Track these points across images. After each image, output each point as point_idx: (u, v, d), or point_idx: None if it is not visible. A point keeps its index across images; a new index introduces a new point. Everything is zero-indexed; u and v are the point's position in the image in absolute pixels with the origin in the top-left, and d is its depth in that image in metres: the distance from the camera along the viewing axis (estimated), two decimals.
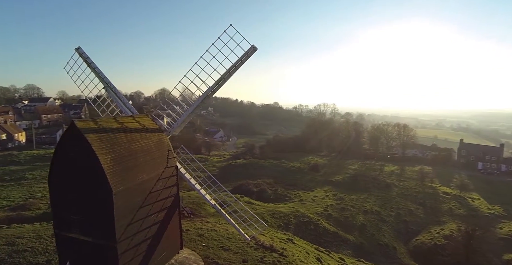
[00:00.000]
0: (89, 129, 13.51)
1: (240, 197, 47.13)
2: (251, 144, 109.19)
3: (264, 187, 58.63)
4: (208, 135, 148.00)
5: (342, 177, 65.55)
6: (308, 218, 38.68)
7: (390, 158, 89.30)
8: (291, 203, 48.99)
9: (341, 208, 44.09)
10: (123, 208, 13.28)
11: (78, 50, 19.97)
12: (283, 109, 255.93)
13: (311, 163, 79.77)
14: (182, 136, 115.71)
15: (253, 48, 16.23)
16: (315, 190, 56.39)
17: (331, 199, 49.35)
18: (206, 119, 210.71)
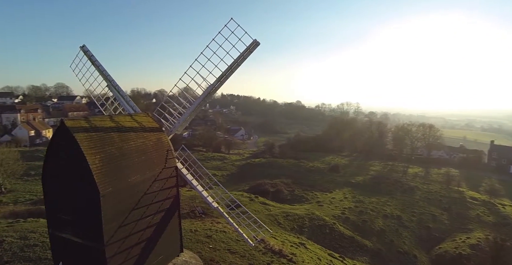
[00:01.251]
0: (79, 128, 13.06)
1: (255, 197, 46.32)
2: (271, 143, 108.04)
3: (281, 187, 57.49)
4: (229, 133, 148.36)
5: (362, 178, 63.14)
6: (323, 221, 37.21)
7: (415, 159, 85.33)
8: (307, 204, 47.57)
9: (360, 212, 42.20)
10: (112, 210, 12.78)
11: (83, 48, 19.87)
12: (305, 108, 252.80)
13: (331, 164, 77.70)
14: (203, 134, 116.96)
15: (255, 43, 15.25)
16: (334, 191, 54.57)
17: (349, 201, 47.46)
18: (228, 117, 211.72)
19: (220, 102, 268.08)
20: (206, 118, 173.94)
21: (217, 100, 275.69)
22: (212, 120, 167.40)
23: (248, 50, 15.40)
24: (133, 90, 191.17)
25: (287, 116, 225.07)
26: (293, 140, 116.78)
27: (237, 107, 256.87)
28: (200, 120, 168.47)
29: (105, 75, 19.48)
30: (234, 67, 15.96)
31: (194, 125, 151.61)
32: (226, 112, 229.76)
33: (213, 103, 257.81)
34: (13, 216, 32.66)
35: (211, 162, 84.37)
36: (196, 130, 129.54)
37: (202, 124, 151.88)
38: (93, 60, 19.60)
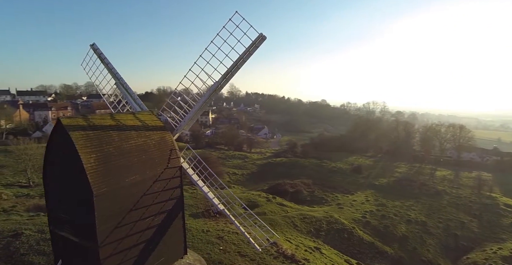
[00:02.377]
0: (75, 127, 12.79)
1: (272, 198, 45.46)
2: (293, 142, 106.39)
3: (301, 188, 56.15)
4: (253, 132, 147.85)
5: (386, 180, 60.44)
6: (341, 225, 35.67)
7: (443, 161, 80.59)
8: (327, 206, 46.04)
9: (382, 216, 40.18)
10: (107, 210, 12.42)
11: (93, 46, 19.90)
12: (330, 107, 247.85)
13: (354, 164, 75.16)
14: (225, 132, 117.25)
15: (261, 37, 14.36)
16: (355, 193, 52.56)
17: (371, 204, 45.39)
18: (252, 116, 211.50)
19: (244, 101, 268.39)
20: (230, 117, 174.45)
21: (241, 99, 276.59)
22: (236, 119, 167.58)
23: (254, 44, 14.54)
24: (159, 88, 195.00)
25: (311, 115, 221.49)
26: (316, 139, 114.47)
27: (261, 106, 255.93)
28: (224, 118, 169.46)
29: (113, 73, 19.36)
30: (240, 63, 15.16)
31: (217, 124, 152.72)
32: (250, 111, 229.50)
33: (237, 102, 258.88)
34: (36, 209, 33.68)
35: (232, 160, 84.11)
36: (219, 128, 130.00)
37: (226, 123, 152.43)
38: (102, 58, 19.54)
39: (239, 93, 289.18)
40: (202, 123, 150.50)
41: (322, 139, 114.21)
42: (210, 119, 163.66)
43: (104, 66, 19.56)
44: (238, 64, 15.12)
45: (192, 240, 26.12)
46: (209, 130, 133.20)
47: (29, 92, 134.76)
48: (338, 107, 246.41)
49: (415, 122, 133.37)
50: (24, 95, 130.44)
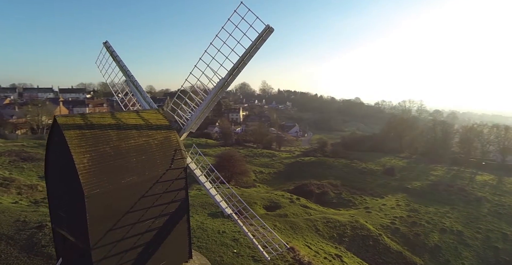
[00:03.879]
0: (71, 125, 12.44)
1: (296, 199, 43.97)
2: (323, 141, 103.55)
3: (328, 189, 54.01)
4: (283, 129, 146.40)
5: (420, 184, 56.35)
6: (367, 231, 33.46)
7: (485, 165, 73.89)
8: (354, 210, 43.72)
9: (412, 222, 37.30)
10: (100, 212, 12.03)
11: (106, 44, 19.84)
12: (364, 105, 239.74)
13: (386, 166, 71.37)
14: (255, 130, 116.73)
15: (268, 29, 13.18)
16: (386, 197, 49.48)
17: (402, 209, 42.41)
18: (283, 113, 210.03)
19: (277, 98, 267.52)
20: (261, 114, 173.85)
21: (273, 96, 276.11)
22: (267, 116, 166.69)
23: (260, 38, 13.39)
24: None
25: (344, 113, 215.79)
26: (348, 138, 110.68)
27: (294, 103, 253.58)
28: (254, 116, 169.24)
29: (124, 71, 19.17)
30: (247, 59, 14.08)
31: (248, 121, 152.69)
32: (282, 108, 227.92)
33: (269, 99, 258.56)
34: None
35: (259, 158, 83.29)
36: (249, 125, 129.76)
37: (256, 120, 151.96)
38: (114, 56, 19.43)
39: (271, 91, 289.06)
40: (233, 120, 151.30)
41: (354, 138, 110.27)
42: (241, 117, 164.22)
43: (116, 64, 19.35)
44: (244, 59, 14.06)
45: (206, 241, 25.53)
46: (239, 128, 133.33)
47: (69, 90, 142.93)
48: (372, 105, 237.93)
49: (455, 121, 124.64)
50: (65, 92, 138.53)
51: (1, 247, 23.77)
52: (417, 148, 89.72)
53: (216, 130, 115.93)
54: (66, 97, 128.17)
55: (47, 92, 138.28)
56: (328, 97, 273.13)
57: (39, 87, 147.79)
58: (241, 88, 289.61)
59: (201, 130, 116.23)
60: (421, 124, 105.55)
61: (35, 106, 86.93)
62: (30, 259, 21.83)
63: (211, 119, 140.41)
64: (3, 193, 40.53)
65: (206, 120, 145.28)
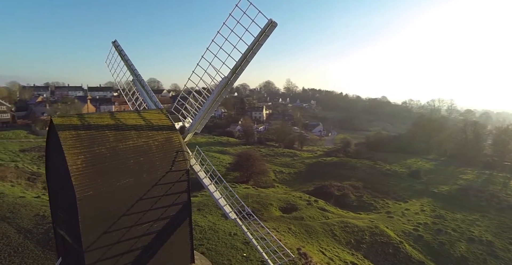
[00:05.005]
0: (67, 126, 12.20)
1: (314, 201, 42.68)
2: (347, 141, 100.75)
3: (348, 191, 52.24)
4: (307, 128, 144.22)
5: (448, 188, 53.11)
6: (387, 237, 31.73)
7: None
8: (374, 214, 41.86)
9: (438, 230, 35.03)
10: (94, 214, 11.75)
11: (114, 43, 19.73)
12: (390, 104, 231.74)
13: (412, 168, 68.19)
14: (277, 128, 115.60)
15: (270, 24, 12.31)
16: (410, 201, 47.05)
17: (427, 215, 40.03)
18: (307, 112, 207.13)
19: (301, 97, 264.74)
20: (284, 113, 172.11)
21: (297, 95, 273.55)
22: (290, 115, 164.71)
23: (263, 33, 12.53)
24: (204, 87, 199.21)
25: (370, 112, 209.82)
26: (372, 138, 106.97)
27: (318, 102, 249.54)
28: (278, 114, 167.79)
29: (132, 69, 18.95)
30: (250, 56, 13.28)
31: (271, 119, 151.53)
32: (306, 107, 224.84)
33: (293, 98, 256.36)
34: None
35: (280, 158, 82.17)
36: (272, 124, 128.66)
37: (280, 119, 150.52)
38: (123, 55, 19.29)
39: (295, 89, 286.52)
40: (256, 119, 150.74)
41: (379, 138, 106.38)
42: (264, 115, 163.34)
43: (124, 63, 19.17)
44: (247, 57, 13.26)
45: (216, 243, 25.05)
46: (262, 126, 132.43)
47: (98, 88, 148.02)
48: (399, 104, 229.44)
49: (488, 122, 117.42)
50: (94, 90, 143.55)
51: (19, 240, 24.49)
52: (446, 150, 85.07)
53: (239, 129, 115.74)
54: (94, 95, 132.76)
55: (77, 90, 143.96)
56: (353, 96, 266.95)
57: (70, 86, 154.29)
58: (265, 86, 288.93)
59: (223, 129, 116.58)
60: (451, 124, 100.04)
61: (65, 104, 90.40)
62: (44, 253, 22.26)
63: (234, 118, 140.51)
64: (29, 187, 42.15)
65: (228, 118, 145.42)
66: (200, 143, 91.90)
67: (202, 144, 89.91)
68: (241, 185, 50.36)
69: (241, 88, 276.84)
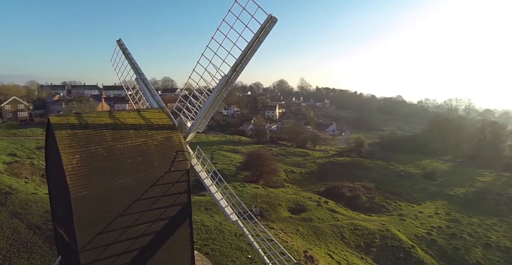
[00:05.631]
0: (64, 125, 12.09)
1: (324, 202, 41.91)
2: (360, 141, 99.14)
3: (360, 192, 51.18)
4: (320, 128, 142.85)
5: (464, 190, 51.26)
6: (399, 241, 30.75)
7: None
8: (386, 216, 40.78)
9: (452, 234, 33.75)
10: (89, 214, 11.62)
11: (119, 42, 19.67)
12: (406, 103, 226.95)
13: (427, 169, 66.32)
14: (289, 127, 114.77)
15: (270, 19, 11.85)
16: (423, 203, 45.66)
17: (441, 219, 38.70)
18: (321, 111, 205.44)
19: (315, 96, 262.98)
20: (297, 112, 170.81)
21: (311, 94, 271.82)
22: (303, 114, 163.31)
23: (263, 29, 12.07)
24: None
25: (385, 111, 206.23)
26: (386, 138, 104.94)
27: (332, 101, 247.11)
28: (291, 113, 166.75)
29: (135, 68, 18.86)
30: (250, 53, 12.86)
31: (284, 119, 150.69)
32: (320, 106, 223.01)
33: (307, 97, 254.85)
34: None
35: (291, 157, 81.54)
36: (285, 123, 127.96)
37: (292, 118, 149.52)
38: (127, 53, 19.23)
39: (309, 88, 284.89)
40: (269, 118, 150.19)
41: (393, 138, 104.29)
42: (277, 114, 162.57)
43: (128, 62, 19.07)
44: (247, 54, 12.83)
45: (221, 243, 24.79)
46: (275, 125, 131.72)
47: (113, 87, 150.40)
48: (414, 103, 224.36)
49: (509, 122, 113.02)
50: (109, 89, 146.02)
51: (29, 236, 24.92)
52: (463, 151, 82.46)
53: (251, 128, 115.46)
54: (109, 94, 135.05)
55: (92, 89, 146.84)
56: (368, 95, 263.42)
57: (85, 85, 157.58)
58: (278, 85, 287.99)
59: (236, 127, 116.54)
60: (468, 124, 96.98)
61: (80, 102, 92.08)
62: (52, 250, 22.51)
63: (247, 116, 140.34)
64: (42, 183, 42.92)
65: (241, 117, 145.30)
66: (211, 141, 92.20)
67: (214, 143, 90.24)
68: (251, 184, 50.04)
69: (254, 87, 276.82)
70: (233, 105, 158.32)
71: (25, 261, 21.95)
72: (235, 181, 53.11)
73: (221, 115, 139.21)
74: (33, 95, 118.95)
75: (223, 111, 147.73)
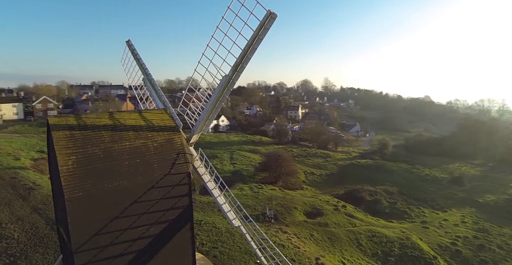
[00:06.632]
0: (62, 126, 12.07)
1: (342, 207, 40.59)
2: (384, 143, 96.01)
3: (381, 197, 49.28)
4: (343, 129, 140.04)
5: (495, 198, 47.95)
6: (420, 251, 29.02)
7: None
8: (408, 223, 38.87)
9: (479, 246, 31.49)
10: (84, 216, 11.52)
11: (128, 42, 19.72)
12: (434, 104, 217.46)
13: (454, 173, 62.93)
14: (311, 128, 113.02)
15: (269, 15, 11.21)
16: (449, 211, 43.15)
17: (468, 228, 36.33)
18: (345, 111, 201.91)
19: (339, 96, 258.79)
20: (321, 112, 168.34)
21: (335, 94, 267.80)
22: (326, 114, 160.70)
23: (262, 26, 11.43)
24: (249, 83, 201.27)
25: (412, 112, 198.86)
26: (412, 140, 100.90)
27: (357, 101, 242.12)
28: (314, 114, 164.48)
29: (143, 68, 18.81)
30: (250, 52, 12.29)
31: (307, 119, 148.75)
32: (344, 106, 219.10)
33: (331, 97, 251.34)
34: None
35: (312, 159, 79.99)
36: (307, 123, 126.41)
37: (315, 118, 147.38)
38: (135, 54, 19.27)
39: (333, 88, 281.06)
40: (291, 118, 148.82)
41: (419, 140, 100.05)
42: (300, 114, 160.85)
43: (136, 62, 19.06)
44: (248, 53, 12.24)
45: (231, 247, 24.36)
46: (297, 126, 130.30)
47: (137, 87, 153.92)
48: (443, 104, 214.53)
49: None
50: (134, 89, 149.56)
51: (46, 231, 25.66)
52: (495, 155, 77.72)
53: (273, 128, 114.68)
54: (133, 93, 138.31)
55: (118, 89, 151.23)
56: (394, 95, 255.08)
57: (112, 84, 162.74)
58: (302, 85, 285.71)
59: (257, 127, 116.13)
60: (502, 126, 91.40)
61: (105, 101, 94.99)
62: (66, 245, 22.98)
63: (269, 116, 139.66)
64: None
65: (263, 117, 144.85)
66: (232, 141, 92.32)
67: (234, 143, 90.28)
68: (268, 186, 49.40)
69: (278, 86, 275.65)
70: (255, 105, 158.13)
71: (40, 255, 22.56)
72: (252, 182, 52.65)
73: (243, 115, 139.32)
74: (63, 95, 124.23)
75: (245, 111, 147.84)
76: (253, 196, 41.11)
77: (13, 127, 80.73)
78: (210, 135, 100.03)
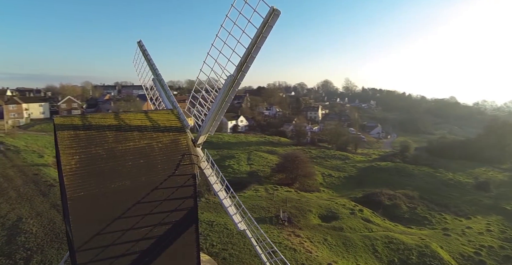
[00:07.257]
0: (67, 126, 12.20)
1: (359, 211, 39.44)
2: (406, 145, 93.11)
3: (400, 201, 47.52)
4: (364, 130, 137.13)
5: None
6: (439, 260, 27.56)
7: None
8: (428, 230, 37.22)
9: (506, 257, 29.56)
10: (86, 215, 11.59)
11: (139, 43, 19.88)
12: (459, 105, 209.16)
13: (480, 178, 59.96)
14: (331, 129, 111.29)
15: (272, 12, 10.83)
16: (473, 218, 41.01)
17: (493, 237, 34.31)
18: (366, 112, 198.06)
19: (360, 97, 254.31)
20: (341, 113, 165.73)
21: (357, 94, 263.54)
22: (347, 115, 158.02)
23: (266, 24, 11.06)
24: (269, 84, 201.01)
25: (436, 114, 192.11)
26: (435, 143, 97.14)
27: (378, 102, 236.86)
28: (334, 114, 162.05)
29: (153, 69, 18.89)
30: (254, 51, 11.95)
31: (327, 120, 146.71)
32: (365, 107, 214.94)
33: (352, 98, 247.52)
34: None
35: (330, 160, 78.47)
36: (327, 124, 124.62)
37: (336, 119, 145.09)
38: (146, 54, 19.39)
39: (354, 88, 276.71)
40: (311, 118, 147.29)
41: (443, 142, 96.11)
42: (320, 115, 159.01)
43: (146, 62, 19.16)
44: (252, 52, 11.91)
45: (241, 249, 24.10)
46: (317, 127, 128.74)
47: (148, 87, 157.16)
48: (470, 105, 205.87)
49: None
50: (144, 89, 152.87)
51: (62, 227, 26.43)
52: None
53: (291, 129, 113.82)
54: None
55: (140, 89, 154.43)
56: (417, 96, 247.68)
57: (134, 85, 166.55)
58: (323, 85, 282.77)
59: (276, 128, 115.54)
60: None
61: (127, 101, 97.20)
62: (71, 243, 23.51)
63: (288, 117, 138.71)
64: None
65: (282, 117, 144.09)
66: (250, 142, 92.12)
67: (252, 143, 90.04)
68: (283, 187, 48.83)
69: (298, 87, 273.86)
70: (275, 105, 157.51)
71: (55, 250, 23.14)
72: (268, 183, 52.16)
73: (263, 115, 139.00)
74: (87, 95, 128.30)
75: (265, 111, 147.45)
76: (268, 197, 40.66)
77: (40, 126, 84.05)
78: (228, 135, 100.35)
